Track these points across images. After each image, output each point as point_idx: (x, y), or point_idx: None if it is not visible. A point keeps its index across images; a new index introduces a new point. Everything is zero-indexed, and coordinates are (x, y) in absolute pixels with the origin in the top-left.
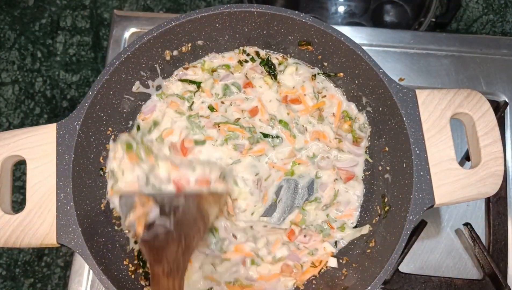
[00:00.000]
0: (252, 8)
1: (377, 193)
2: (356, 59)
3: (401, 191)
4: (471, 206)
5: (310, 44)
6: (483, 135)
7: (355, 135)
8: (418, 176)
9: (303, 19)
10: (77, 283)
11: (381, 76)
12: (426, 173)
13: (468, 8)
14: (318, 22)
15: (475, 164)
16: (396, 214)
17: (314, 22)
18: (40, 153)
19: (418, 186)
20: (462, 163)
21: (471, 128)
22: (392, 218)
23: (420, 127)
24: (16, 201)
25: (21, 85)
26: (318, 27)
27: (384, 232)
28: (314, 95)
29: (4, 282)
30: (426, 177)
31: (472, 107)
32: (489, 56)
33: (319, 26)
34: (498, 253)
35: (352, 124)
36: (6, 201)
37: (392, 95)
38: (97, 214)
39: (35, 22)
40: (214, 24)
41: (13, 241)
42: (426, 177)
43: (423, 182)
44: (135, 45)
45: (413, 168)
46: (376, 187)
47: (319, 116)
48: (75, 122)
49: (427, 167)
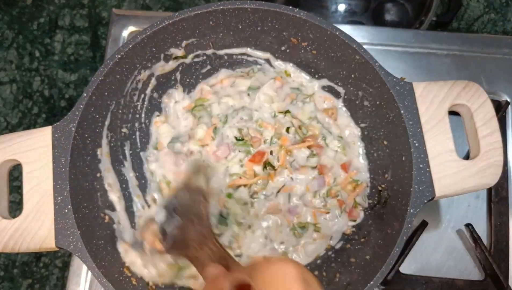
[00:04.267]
0: (245, 4)
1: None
2: (352, 53)
3: (400, 185)
4: (472, 206)
5: (304, 39)
6: (481, 126)
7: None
8: (418, 169)
9: (297, 14)
10: (75, 284)
11: (378, 70)
12: (425, 166)
13: (469, 7)
14: (312, 17)
15: (474, 155)
16: (396, 207)
17: (308, 17)
18: (36, 157)
19: (417, 179)
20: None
21: (469, 119)
22: (392, 212)
23: (418, 120)
24: (14, 201)
25: (19, 84)
26: (312, 22)
27: (384, 226)
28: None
29: (2, 283)
30: (426, 169)
31: (470, 98)
32: (490, 55)
33: (314, 21)
34: (500, 253)
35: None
36: (3, 206)
37: (389, 88)
38: (96, 216)
39: (33, 21)
40: (208, 22)
41: (12, 247)
42: (426, 170)
43: (422, 175)
44: (129, 45)
45: (412, 161)
46: (375, 181)
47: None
48: (71, 125)
49: (426, 160)
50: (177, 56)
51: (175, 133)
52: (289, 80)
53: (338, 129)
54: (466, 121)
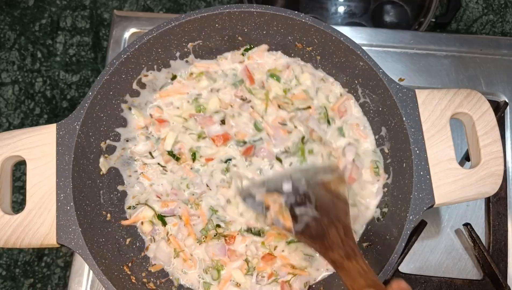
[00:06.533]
0: (251, 8)
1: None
2: (356, 59)
3: (401, 191)
4: (471, 206)
5: (309, 44)
6: (483, 135)
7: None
8: (418, 176)
9: (303, 19)
10: (77, 283)
11: (381, 76)
12: (426, 173)
13: (468, 8)
14: (317, 22)
15: (475, 164)
16: (396, 214)
17: (313, 22)
18: (40, 154)
19: (418, 186)
20: (462, 163)
21: (471, 128)
22: (392, 218)
23: (420, 127)
24: (16, 201)
25: (21, 85)
26: (317, 27)
27: (384, 232)
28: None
29: (4, 282)
30: (426, 177)
31: (472, 107)
32: (489, 56)
33: (319, 26)
34: (498, 253)
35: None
36: (6, 201)
37: (392, 95)
38: (97, 214)
39: (35, 23)
40: (214, 25)
41: (13, 242)
42: (426, 177)
43: (423, 182)
44: (135, 46)
45: (413, 168)
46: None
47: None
48: (75, 123)
49: (427, 167)
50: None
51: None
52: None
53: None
54: (467, 130)
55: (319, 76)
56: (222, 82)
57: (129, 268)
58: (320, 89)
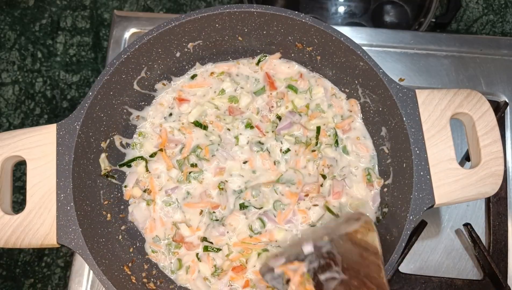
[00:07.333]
0: (252, 8)
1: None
2: (356, 59)
3: (401, 191)
4: (471, 206)
5: (309, 44)
6: (483, 135)
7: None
8: (418, 176)
9: (303, 19)
10: (77, 283)
11: (381, 76)
12: (426, 173)
13: (468, 8)
14: (318, 22)
15: (475, 164)
16: (396, 214)
17: (314, 22)
18: (40, 154)
19: (418, 186)
20: (462, 163)
21: (471, 128)
22: (392, 218)
23: (420, 127)
24: (16, 201)
25: (21, 85)
26: (318, 27)
27: (384, 232)
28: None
29: (4, 282)
30: (426, 177)
31: (472, 107)
32: (489, 56)
33: (319, 26)
34: (498, 253)
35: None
36: (6, 201)
37: (392, 95)
38: (98, 214)
39: (35, 23)
40: (214, 25)
41: (13, 242)
42: (426, 177)
43: (423, 182)
44: (135, 46)
45: (413, 168)
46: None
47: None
48: (75, 123)
49: (427, 167)
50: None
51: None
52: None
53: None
54: (468, 130)
55: (330, 91)
56: (244, 83)
57: (129, 268)
58: (331, 106)
